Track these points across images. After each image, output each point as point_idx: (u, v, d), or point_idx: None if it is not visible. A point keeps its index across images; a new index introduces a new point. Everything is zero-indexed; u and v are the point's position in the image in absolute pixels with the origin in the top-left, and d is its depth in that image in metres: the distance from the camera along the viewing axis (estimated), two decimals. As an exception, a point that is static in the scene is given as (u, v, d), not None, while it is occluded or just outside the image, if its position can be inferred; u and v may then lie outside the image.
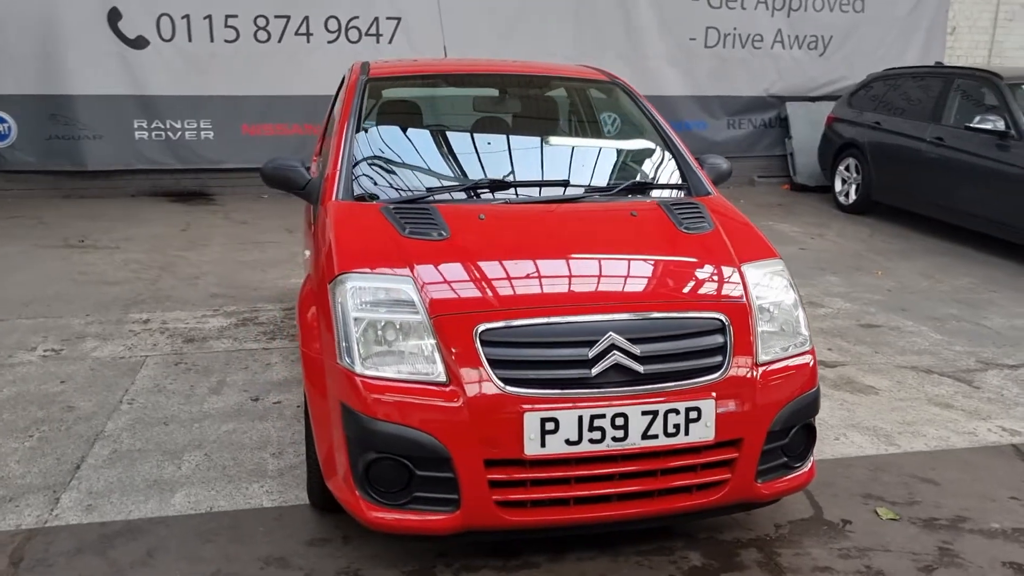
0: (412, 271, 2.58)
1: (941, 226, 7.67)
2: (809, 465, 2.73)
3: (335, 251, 2.70)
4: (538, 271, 2.66)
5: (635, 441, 2.38)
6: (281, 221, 7.84)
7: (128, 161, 8.65)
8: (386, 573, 2.62)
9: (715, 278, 2.70)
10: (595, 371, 2.38)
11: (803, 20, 9.92)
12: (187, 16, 8.45)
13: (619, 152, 3.58)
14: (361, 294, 2.54)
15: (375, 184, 3.17)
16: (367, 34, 8.94)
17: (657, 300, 2.59)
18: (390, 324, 2.47)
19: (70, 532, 2.82)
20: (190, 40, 8.50)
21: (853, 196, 8.56)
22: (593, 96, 3.87)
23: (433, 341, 2.41)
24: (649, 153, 3.52)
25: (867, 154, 8.30)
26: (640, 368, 2.41)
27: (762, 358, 2.56)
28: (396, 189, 3.14)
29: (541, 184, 3.19)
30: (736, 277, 2.71)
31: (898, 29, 10.20)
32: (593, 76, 3.91)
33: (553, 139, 3.69)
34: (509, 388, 2.34)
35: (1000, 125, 6.81)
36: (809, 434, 2.70)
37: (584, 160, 3.51)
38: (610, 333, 2.43)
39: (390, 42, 8.99)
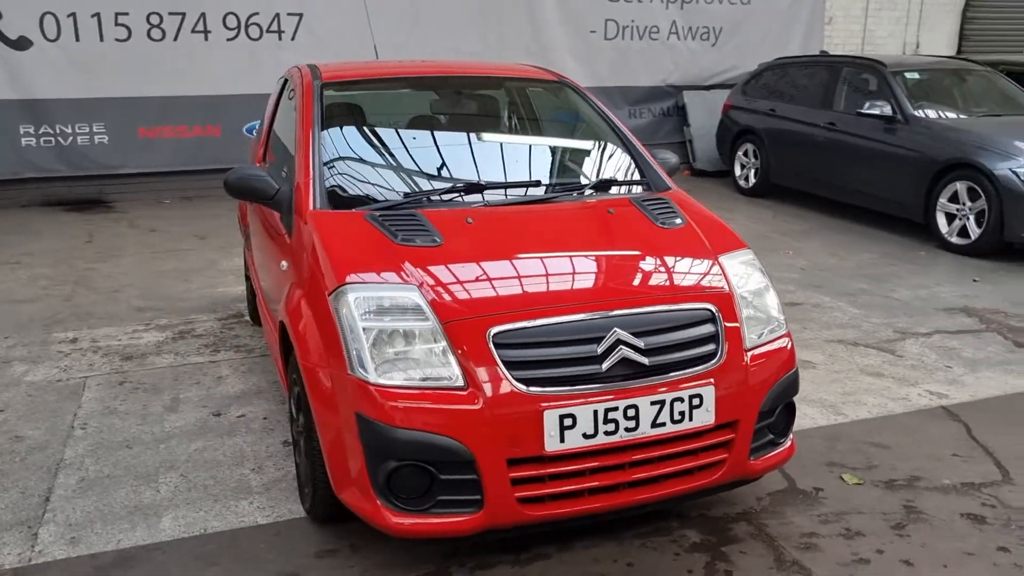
0: (414, 278, 2.60)
1: (837, 206, 8.19)
2: (790, 441, 2.93)
3: (330, 262, 2.69)
4: (536, 272, 2.73)
5: (645, 430, 2.50)
6: (191, 227, 7.58)
7: (15, 170, 8.13)
8: (405, 571, 2.65)
9: (699, 270, 2.85)
10: (605, 366, 2.48)
11: (695, 12, 10.32)
12: (73, 15, 8.00)
13: (580, 150, 3.68)
14: (366, 304, 2.54)
15: (351, 191, 3.16)
16: (268, 31, 8.72)
17: (653, 294, 2.71)
18: (400, 332, 2.49)
19: (61, 568, 2.70)
20: (77, 40, 8.05)
21: (752, 180, 9.01)
22: (546, 95, 3.95)
23: (446, 346, 2.45)
24: (608, 150, 3.63)
25: (764, 140, 8.74)
26: (646, 360, 2.53)
27: (748, 343, 2.73)
28: (373, 196, 3.13)
29: (516, 185, 3.26)
30: (717, 269, 2.87)
31: (781, 20, 10.76)
32: (542, 76, 4.00)
33: (515, 139, 3.76)
34: (527, 388, 2.41)
35: (887, 110, 7.33)
36: (790, 412, 2.90)
37: (548, 159, 3.60)
38: (615, 329, 2.54)
39: (293, 39, 8.80)
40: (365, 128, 3.57)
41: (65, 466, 3.36)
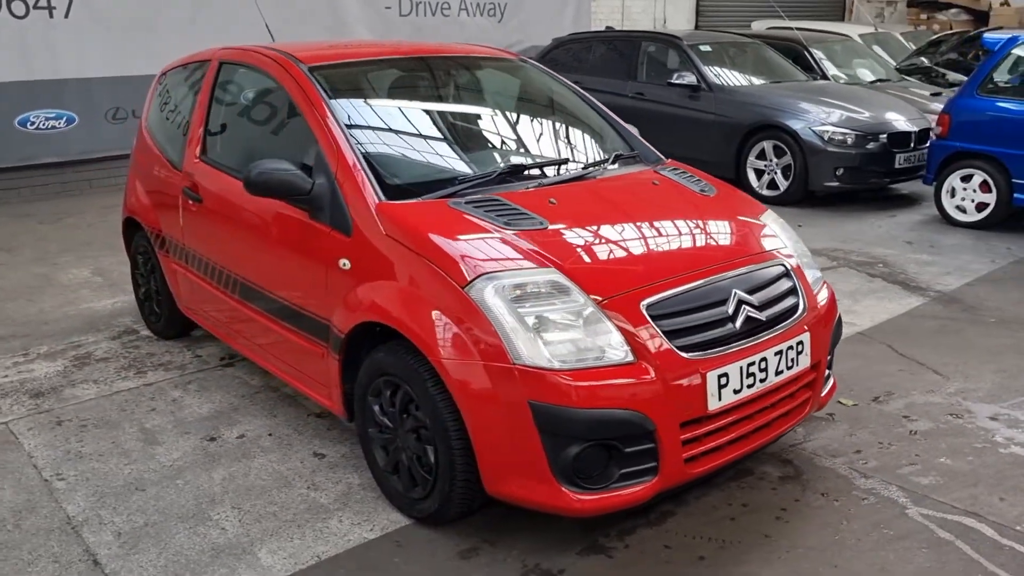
0: (548, 261, 2.59)
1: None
2: (833, 377, 3.31)
3: (454, 255, 2.58)
4: (649, 243, 2.83)
5: (771, 379, 2.73)
6: (-9, 239, 6.49)
7: None
8: (562, 558, 2.65)
9: (762, 232, 3.11)
10: (738, 325, 2.67)
11: (483, -11, 10.57)
12: None
13: (584, 125, 3.75)
14: (515, 291, 2.49)
15: (403, 180, 3.00)
16: (36, 7, 7.57)
17: (750, 255, 2.93)
18: (558, 315, 2.48)
19: (191, 629, 2.36)
20: None
21: (563, 150, 9.50)
22: (524, 75, 3.96)
23: (608, 323, 2.49)
24: (601, 125, 3.76)
25: (572, 111, 9.24)
26: (763, 316, 2.75)
27: (814, 291, 3.06)
28: (427, 182, 3.00)
29: (557, 163, 3.29)
30: (767, 229, 3.15)
31: (556, -3, 11.38)
32: (506, 55, 4.01)
33: (523, 117, 3.73)
34: (687, 354, 2.53)
35: (692, 80, 8.12)
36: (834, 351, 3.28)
37: (561, 135, 3.65)
38: (734, 290, 2.73)
39: (66, 16, 7.72)
40: (380, 112, 3.37)
41: (82, 524, 2.87)
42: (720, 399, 2.58)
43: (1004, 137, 6.48)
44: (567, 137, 3.64)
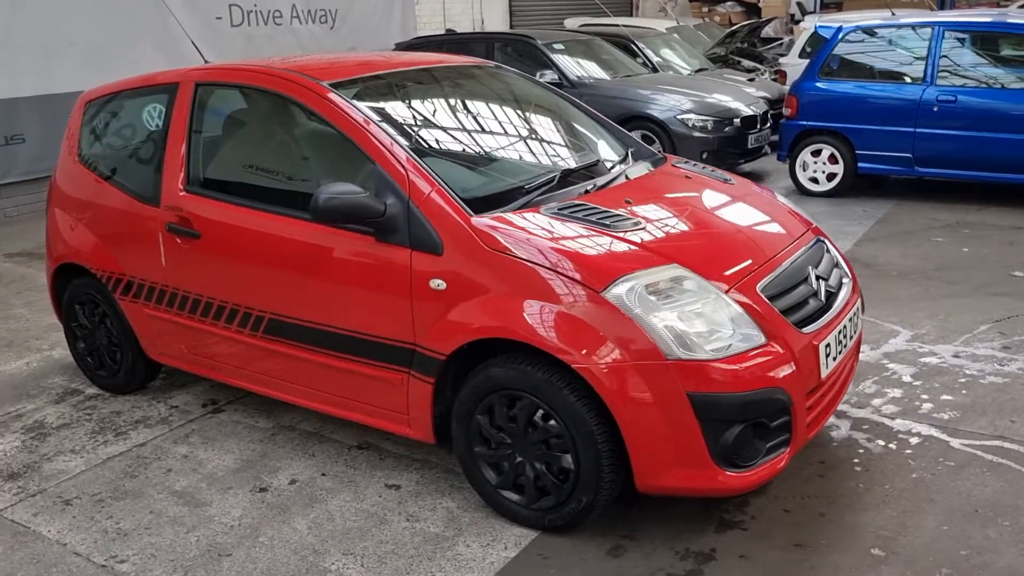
0: (667, 256, 2.69)
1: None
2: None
3: (583, 263, 2.61)
4: (732, 231, 3.00)
5: (847, 344, 3.01)
6: None
7: None
8: (704, 539, 2.75)
9: (789, 211, 3.38)
10: (823, 298, 2.92)
11: (312, -4, 10.27)
12: None
13: (591, 126, 3.82)
14: (654, 289, 2.57)
15: (478, 192, 2.95)
16: None
17: (802, 233, 3.17)
18: (693, 307, 2.58)
19: None
20: None
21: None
22: (515, 81, 3.96)
23: (739, 309, 2.62)
24: (602, 125, 3.87)
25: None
26: (833, 288, 3.02)
27: (845, 260, 3.38)
28: (500, 192, 2.97)
29: (600, 163, 3.38)
30: (790, 209, 3.44)
31: (383, 2, 11.26)
32: (486, 63, 4.02)
33: (542, 120, 3.72)
34: (802, 329, 2.74)
35: (554, 77, 8.42)
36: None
37: (580, 136, 3.70)
38: (808, 267, 2.98)
39: None
40: (425, 126, 3.26)
41: (187, 603, 2.59)
42: (827, 367, 2.81)
43: (845, 114, 7.34)
44: (585, 138, 3.72)
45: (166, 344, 3.77)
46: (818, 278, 2.96)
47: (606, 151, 3.62)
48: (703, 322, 2.57)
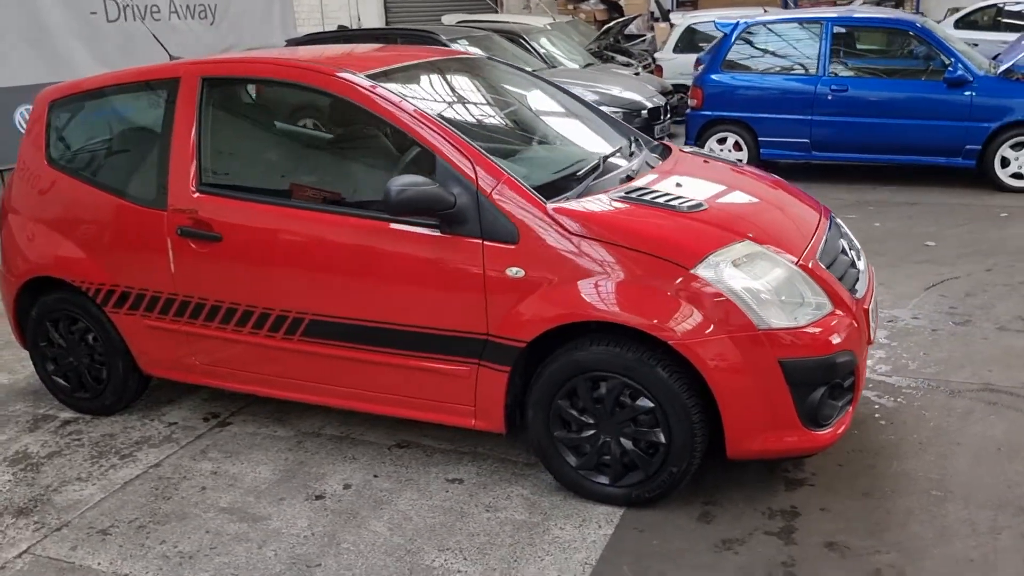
0: (740, 234, 2.83)
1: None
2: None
3: (669, 244, 2.70)
4: (776, 208, 3.19)
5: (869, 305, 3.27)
6: None
7: None
8: (779, 498, 2.91)
9: (800, 192, 3.62)
10: (860, 268, 3.16)
11: (191, -10, 9.74)
12: None
13: (594, 115, 3.90)
14: (740, 266, 2.70)
15: (542, 179, 2.97)
16: None
17: (823, 210, 3.40)
18: (774, 280, 2.73)
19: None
20: None
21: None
22: (516, 73, 3.97)
23: (809, 279, 2.80)
24: (599, 115, 3.97)
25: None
26: (854, 257, 3.27)
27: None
28: (563, 178, 3.02)
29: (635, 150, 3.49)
30: (799, 189, 3.68)
31: (263, -2, 10.85)
32: (481, 55, 4.02)
33: (554, 109, 3.75)
34: (856, 295, 2.96)
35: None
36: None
37: (599, 124, 3.78)
38: (839, 240, 3.22)
39: None
40: (470, 116, 3.22)
41: (298, 617, 2.47)
42: (876, 330, 3.05)
43: (748, 104, 7.83)
44: (599, 125, 3.80)
45: (169, 356, 3.53)
46: (849, 249, 3.21)
47: (620, 139, 3.72)
48: (787, 293, 2.73)
